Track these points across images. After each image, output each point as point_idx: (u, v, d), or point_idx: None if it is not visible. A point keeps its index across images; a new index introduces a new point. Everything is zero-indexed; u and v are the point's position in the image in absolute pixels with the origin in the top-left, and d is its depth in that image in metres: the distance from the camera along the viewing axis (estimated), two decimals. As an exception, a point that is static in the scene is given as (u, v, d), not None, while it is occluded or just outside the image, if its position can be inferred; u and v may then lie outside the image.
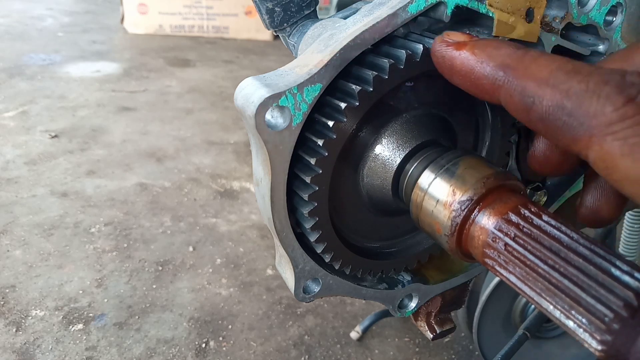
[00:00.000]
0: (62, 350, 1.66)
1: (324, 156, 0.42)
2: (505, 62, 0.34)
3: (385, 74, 0.40)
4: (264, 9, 0.58)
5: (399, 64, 0.41)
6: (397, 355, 1.79)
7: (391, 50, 0.42)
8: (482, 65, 0.35)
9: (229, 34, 5.56)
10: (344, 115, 0.41)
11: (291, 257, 0.48)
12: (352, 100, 0.41)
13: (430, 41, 0.43)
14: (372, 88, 0.40)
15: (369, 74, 0.41)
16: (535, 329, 1.27)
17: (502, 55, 0.35)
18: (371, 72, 0.41)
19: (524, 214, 0.35)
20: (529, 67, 0.33)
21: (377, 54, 0.43)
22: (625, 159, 0.27)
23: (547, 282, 0.32)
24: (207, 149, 3.04)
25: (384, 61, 0.41)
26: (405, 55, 0.41)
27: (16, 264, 2.01)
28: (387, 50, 0.43)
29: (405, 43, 0.43)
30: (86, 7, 6.49)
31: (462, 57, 0.37)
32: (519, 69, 0.33)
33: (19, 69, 4.02)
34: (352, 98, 0.41)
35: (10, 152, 2.80)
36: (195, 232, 2.29)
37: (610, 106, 0.28)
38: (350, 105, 0.40)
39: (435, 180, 0.42)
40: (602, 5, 0.52)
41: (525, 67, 0.33)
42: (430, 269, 0.60)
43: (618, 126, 0.28)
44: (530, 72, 0.32)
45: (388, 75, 0.41)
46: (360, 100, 0.40)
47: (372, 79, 0.40)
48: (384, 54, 0.43)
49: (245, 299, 1.95)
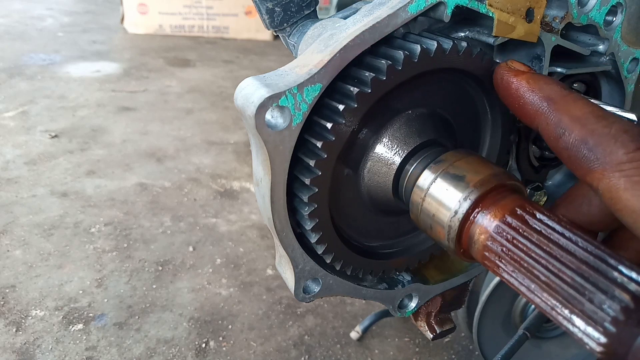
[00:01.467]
0: (62, 350, 1.66)
1: (323, 158, 0.42)
2: (550, 96, 0.41)
3: (383, 75, 0.40)
4: (264, 9, 0.58)
5: (396, 65, 0.41)
6: (397, 355, 1.79)
7: (389, 51, 0.42)
8: (532, 94, 0.42)
9: (229, 34, 5.56)
10: (343, 117, 0.41)
11: (291, 257, 0.48)
12: (350, 102, 0.41)
13: (427, 41, 0.43)
14: (370, 90, 0.40)
15: (366, 76, 0.41)
16: (535, 329, 1.27)
17: (550, 90, 0.41)
18: (369, 74, 0.41)
19: (524, 215, 0.35)
20: (569, 105, 0.40)
21: (375, 55, 0.42)
22: (627, 192, 0.34)
23: (546, 285, 0.32)
24: (207, 149, 3.04)
25: (382, 62, 0.41)
26: (402, 56, 0.41)
27: (16, 264, 2.01)
28: (385, 51, 0.43)
29: (403, 44, 0.43)
30: (86, 7, 6.49)
31: (517, 83, 0.43)
32: (560, 105, 0.40)
33: (19, 69, 4.01)
34: (350, 100, 0.41)
35: (10, 152, 2.80)
36: (195, 232, 2.29)
37: (623, 149, 0.35)
38: (349, 107, 0.40)
39: (436, 181, 0.42)
40: (602, 5, 0.52)
41: (565, 104, 0.40)
42: (430, 269, 0.60)
43: (626, 166, 0.34)
44: (568, 109, 0.39)
45: (386, 77, 0.41)
46: (358, 102, 0.40)
47: (370, 80, 0.40)
48: (381, 55, 0.43)
49: (245, 299, 1.95)
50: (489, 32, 0.49)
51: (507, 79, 0.44)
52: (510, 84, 0.44)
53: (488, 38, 0.49)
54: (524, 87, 0.42)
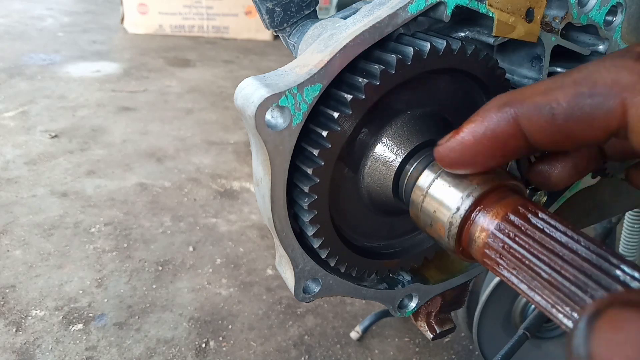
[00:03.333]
0: (62, 350, 1.66)
1: (321, 165, 0.42)
2: (504, 102, 0.34)
3: (377, 80, 0.40)
4: (264, 9, 0.58)
5: (389, 69, 0.41)
6: (397, 355, 1.79)
7: (382, 55, 0.42)
8: (489, 124, 0.35)
9: (229, 34, 5.56)
10: (338, 124, 0.41)
11: (291, 257, 0.48)
12: (345, 108, 0.41)
13: (420, 42, 0.42)
14: (364, 96, 0.40)
15: (360, 82, 0.41)
16: (535, 329, 1.27)
17: (500, 100, 0.35)
18: (362, 80, 0.41)
19: (524, 215, 0.35)
20: (525, 92, 0.34)
21: (368, 60, 0.42)
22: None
23: (546, 283, 0.32)
24: (207, 149, 3.04)
25: (375, 67, 0.41)
26: (395, 60, 0.41)
27: (16, 264, 2.01)
28: (378, 55, 0.43)
29: (396, 47, 0.43)
30: (86, 7, 6.49)
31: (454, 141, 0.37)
32: (518, 97, 0.34)
33: (19, 69, 4.01)
34: (345, 106, 0.41)
35: (10, 152, 2.80)
36: (195, 232, 2.29)
37: (625, 70, 0.30)
38: (344, 113, 0.41)
39: (437, 180, 0.42)
40: (602, 5, 0.52)
41: (522, 93, 0.34)
42: (430, 269, 0.60)
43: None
44: (530, 93, 0.33)
45: (380, 82, 0.40)
46: (353, 108, 0.40)
47: (364, 86, 0.40)
48: (375, 59, 0.43)
49: (245, 299, 1.95)
50: (489, 32, 0.49)
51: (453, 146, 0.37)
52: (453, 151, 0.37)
53: (488, 38, 0.49)
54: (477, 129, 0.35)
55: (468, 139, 0.36)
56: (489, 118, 0.35)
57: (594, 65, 0.31)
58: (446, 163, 0.38)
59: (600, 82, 0.30)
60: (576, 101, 0.31)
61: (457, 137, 0.36)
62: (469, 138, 0.36)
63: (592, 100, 0.30)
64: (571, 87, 0.31)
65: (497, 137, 0.35)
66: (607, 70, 0.30)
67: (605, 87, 0.30)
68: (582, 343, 0.24)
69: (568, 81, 0.32)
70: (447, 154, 0.37)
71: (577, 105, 0.31)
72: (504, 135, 0.34)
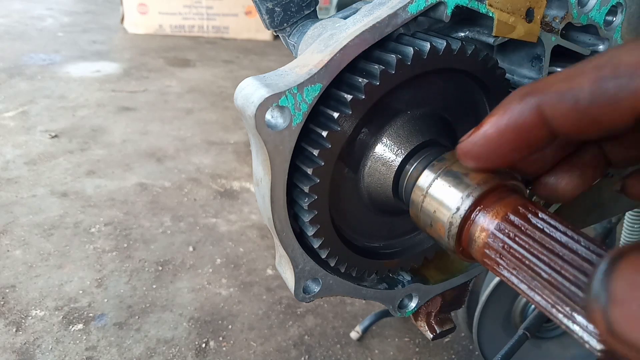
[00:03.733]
0: (62, 350, 1.66)
1: (321, 165, 0.42)
2: (525, 92, 0.34)
3: (377, 80, 0.40)
4: (264, 9, 0.58)
5: (389, 69, 0.41)
6: (397, 355, 1.79)
7: (382, 55, 0.42)
8: (511, 115, 0.34)
9: (229, 34, 5.56)
10: (338, 124, 0.41)
11: (291, 257, 0.48)
12: (345, 108, 0.41)
13: (420, 42, 0.42)
14: (364, 96, 0.40)
15: (360, 82, 0.41)
16: (535, 329, 1.27)
17: (521, 91, 0.34)
18: (362, 80, 0.41)
19: (524, 215, 0.35)
20: (547, 80, 0.33)
21: (368, 60, 0.42)
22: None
23: (546, 283, 0.32)
24: (207, 149, 3.04)
25: (375, 67, 0.41)
26: (395, 60, 0.41)
27: (16, 264, 2.01)
28: (378, 55, 0.43)
29: (396, 47, 0.43)
30: (86, 7, 6.49)
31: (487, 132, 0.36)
32: (540, 86, 0.33)
33: (19, 69, 4.01)
34: (345, 106, 0.41)
35: (10, 152, 2.80)
36: (195, 232, 2.29)
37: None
38: (344, 113, 0.41)
39: (437, 179, 0.42)
40: (602, 5, 0.52)
41: (543, 82, 0.33)
42: (430, 269, 0.60)
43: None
44: (552, 81, 0.33)
45: (380, 82, 0.41)
46: (353, 108, 0.40)
47: (364, 86, 0.40)
48: (375, 59, 0.43)
49: (245, 299, 1.95)
50: (489, 32, 0.49)
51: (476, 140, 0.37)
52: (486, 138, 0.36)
53: (488, 38, 0.49)
54: (500, 122, 0.35)
55: (491, 132, 0.35)
56: (511, 109, 0.34)
57: (614, 50, 0.31)
58: (470, 158, 0.38)
59: (623, 64, 0.30)
60: (599, 84, 0.30)
61: (480, 131, 0.36)
62: (492, 131, 0.35)
63: (616, 82, 0.30)
64: (593, 72, 0.31)
65: (521, 127, 0.34)
66: (628, 53, 0.30)
67: (629, 67, 0.29)
68: (603, 284, 0.25)
69: (589, 67, 0.31)
70: (470, 148, 0.37)
71: (601, 89, 0.30)
72: (528, 125, 0.34)
